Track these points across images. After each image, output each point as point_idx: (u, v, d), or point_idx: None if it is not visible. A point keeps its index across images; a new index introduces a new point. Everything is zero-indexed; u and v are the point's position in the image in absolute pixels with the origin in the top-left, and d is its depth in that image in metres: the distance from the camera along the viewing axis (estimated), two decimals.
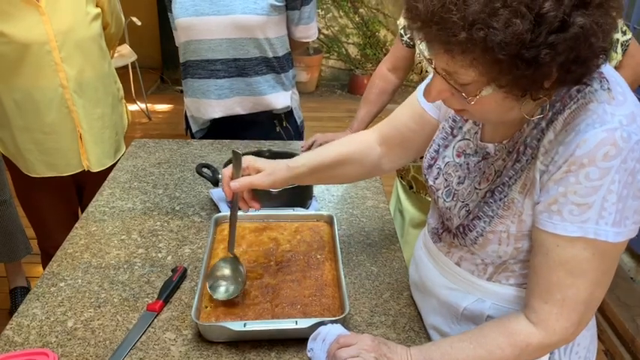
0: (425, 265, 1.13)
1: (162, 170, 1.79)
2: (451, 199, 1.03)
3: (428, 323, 1.15)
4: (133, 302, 1.20)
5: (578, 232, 0.82)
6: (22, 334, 1.11)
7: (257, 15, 1.84)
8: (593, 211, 0.81)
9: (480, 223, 0.95)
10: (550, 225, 0.85)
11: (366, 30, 5.50)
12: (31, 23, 1.71)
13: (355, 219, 1.55)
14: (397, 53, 1.84)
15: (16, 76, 1.75)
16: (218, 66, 1.93)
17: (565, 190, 0.82)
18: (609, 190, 0.80)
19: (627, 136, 0.79)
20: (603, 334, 2.52)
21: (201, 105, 2.01)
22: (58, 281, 1.26)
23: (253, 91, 1.98)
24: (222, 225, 1.39)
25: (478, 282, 1.01)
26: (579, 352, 1.05)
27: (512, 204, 0.91)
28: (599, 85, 0.83)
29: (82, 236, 1.43)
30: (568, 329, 0.88)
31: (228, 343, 1.09)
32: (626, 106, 0.82)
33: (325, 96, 5.48)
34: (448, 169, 1.06)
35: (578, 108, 0.83)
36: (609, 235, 0.81)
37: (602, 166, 0.79)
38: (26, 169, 1.92)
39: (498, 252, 0.95)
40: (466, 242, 0.99)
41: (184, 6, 1.86)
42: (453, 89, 0.84)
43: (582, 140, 0.80)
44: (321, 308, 1.14)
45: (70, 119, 1.86)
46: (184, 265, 1.30)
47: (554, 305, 0.87)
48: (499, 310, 1.00)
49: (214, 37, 1.88)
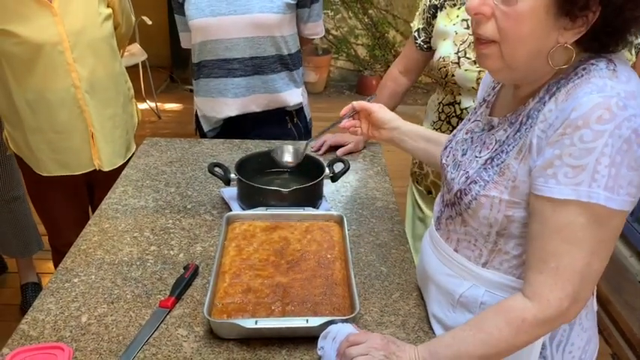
0: (427, 253, 1.16)
1: (174, 169, 1.81)
2: (456, 170, 1.08)
3: (430, 313, 1.18)
4: (146, 299, 1.22)
5: (572, 194, 0.84)
6: (37, 328, 1.13)
7: (274, 14, 1.87)
8: (586, 173, 0.83)
9: (475, 187, 0.98)
10: (546, 189, 0.87)
11: (375, 31, 5.51)
12: (43, 24, 1.73)
13: (365, 219, 1.56)
14: (409, 56, 1.85)
15: (29, 76, 1.77)
16: (235, 65, 1.95)
17: (560, 153, 0.84)
18: (602, 153, 0.82)
19: (623, 105, 0.82)
20: (611, 337, 2.52)
21: (217, 104, 2.03)
22: (72, 277, 1.28)
23: (269, 88, 2.00)
24: (233, 223, 1.41)
25: (474, 268, 1.04)
26: (573, 351, 1.05)
27: (507, 169, 0.94)
28: (606, 65, 0.87)
29: (95, 233, 1.45)
30: (562, 301, 0.87)
31: (239, 340, 1.10)
32: (629, 85, 0.85)
33: (334, 96, 5.49)
34: (456, 145, 1.12)
35: (581, 82, 0.86)
36: (601, 198, 0.83)
37: (595, 129, 0.81)
38: (38, 168, 1.94)
39: (489, 218, 0.97)
40: (461, 207, 1.02)
41: (199, 7, 1.88)
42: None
43: (578, 104, 0.83)
44: (331, 307, 1.15)
45: (82, 119, 1.88)
46: (196, 262, 1.32)
47: (548, 275, 0.88)
48: (492, 298, 1.02)
49: (232, 36, 1.90)
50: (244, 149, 1.94)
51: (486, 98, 1.13)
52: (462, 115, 1.69)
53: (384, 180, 1.78)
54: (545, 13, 0.84)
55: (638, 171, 0.84)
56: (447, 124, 1.74)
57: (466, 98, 1.66)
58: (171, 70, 5.61)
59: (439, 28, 1.68)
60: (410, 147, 1.37)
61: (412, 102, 5.01)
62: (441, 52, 1.66)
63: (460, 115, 1.70)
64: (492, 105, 1.08)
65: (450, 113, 1.73)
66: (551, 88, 0.91)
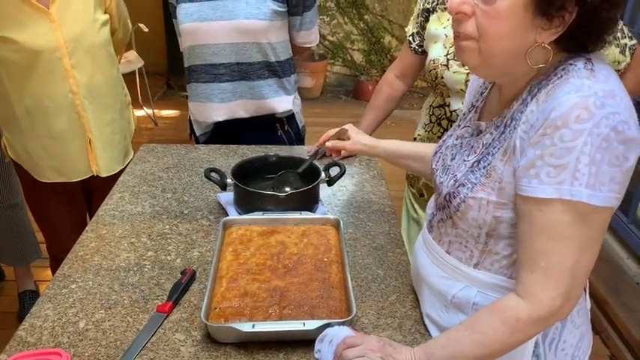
0: (421, 255, 1.17)
1: (170, 175, 1.81)
2: (445, 174, 1.09)
3: (423, 313, 1.18)
4: (143, 304, 1.22)
5: (554, 193, 0.86)
6: (34, 334, 1.13)
7: (259, 20, 1.88)
8: (567, 172, 0.84)
9: (463, 189, 1.00)
10: (530, 189, 0.88)
11: (371, 36, 5.53)
12: (41, 30, 1.74)
13: (361, 223, 1.57)
14: (405, 60, 1.86)
15: (27, 82, 1.78)
16: (221, 70, 1.96)
17: (542, 153, 0.86)
18: (582, 152, 0.83)
19: (601, 104, 0.83)
20: (609, 339, 2.53)
21: (205, 109, 2.04)
22: (70, 283, 1.28)
23: (256, 94, 2.01)
24: (230, 228, 1.41)
25: (465, 270, 1.05)
26: (565, 348, 1.06)
27: (494, 171, 0.96)
28: (584, 65, 0.89)
29: (92, 239, 1.45)
30: (555, 300, 0.88)
31: (236, 344, 1.11)
32: (607, 84, 0.86)
33: (330, 102, 5.51)
34: (446, 150, 1.14)
35: (560, 82, 0.88)
36: (583, 196, 0.84)
37: (574, 128, 0.83)
38: (36, 174, 1.94)
39: (477, 220, 0.99)
40: (450, 210, 1.03)
41: (188, 12, 1.90)
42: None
43: (557, 104, 0.85)
44: (328, 310, 1.15)
45: (80, 125, 1.89)
46: (193, 267, 1.32)
47: (539, 274, 0.89)
48: (485, 298, 1.03)
49: (218, 41, 1.91)
50: (240, 154, 1.95)
51: (475, 104, 1.15)
52: (452, 117, 1.71)
53: (380, 184, 1.78)
54: (523, 11, 0.87)
55: (621, 167, 0.85)
56: (438, 125, 1.77)
57: (455, 100, 1.68)
58: (168, 77, 5.62)
59: (430, 32, 1.70)
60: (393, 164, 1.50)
61: (408, 106, 5.03)
62: (431, 54, 1.69)
63: (450, 117, 1.72)
64: (481, 110, 1.11)
65: (440, 115, 1.75)
66: (532, 89, 0.93)
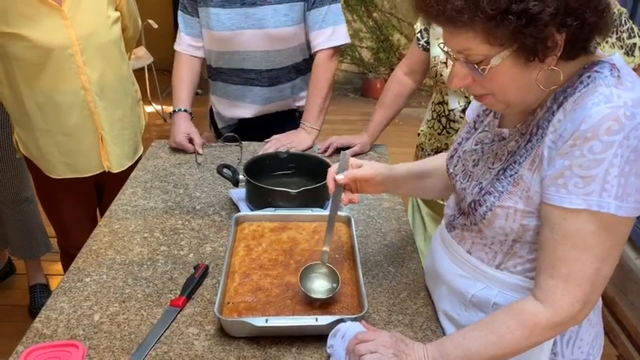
0: (439, 253, 1.17)
1: (182, 170, 1.82)
2: (467, 181, 1.09)
3: (439, 309, 1.19)
4: (157, 298, 1.23)
5: (582, 204, 0.86)
6: (50, 326, 1.14)
7: (288, 27, 1.91)
8: (596, 183, 0.85)
9: (490, 198, 0.99)
10: (557, 198, 0.88)
11: (380, 34, 5.53)
12: (53, 27, 1.75)
13: (372, 220, 1.57)
14: (414, 57, 1.87)
15: (39, 79, 1.79)
16: (252, 75, 2.01)
17: (570, 164, 0.86)
18: (611, 164, 0.83)
19: (631, 114, 0.83)
20: (617, 339, 2.52)
21: (232, 105, 2.10)
22: (84, 277, 1.30)
23: (284, 96, 2.08)
24: (242, 224, 1.42)
25: (487, 270, 1.05)
26: (582, 347, 1.07)
27: (521, 180, 0.95)
28: (610, 72, 0.89)
29: (105, 234, 1.47)
30: (574, 305, 0.89)
31: (249, 339, 1.12)
32: (635, 92, 0.87)
33: (338, 99, 5.51)
34: (465, 155, 1.13)
35: (588, 91, 0.88)
36: (611, 207, 0.85)
37: (604, 140, 0.83)
38: (47, 170, 1.96)
39: (505, 228, 0.99)
40: (476, 218, 1.03)
41: (221, 19, 1.91)
42: (471, 71, 0.91)
43: (587, 115, 0.85)
44: (339, 306, 1.16)
45: (92, 121, 1.90)
46: (206, 262, 1.34)
47: (559, 280, 0.89)
48: (505, 298, 1.03)
49: (250, 49, 1.95)
50: (252, 151, 1.96)
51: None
52: (450, 116, 1.75)
53: None
54: (514, 67, 0.88)
55: None
56: (438, 122, 1.81)
57: (452, 99, 1.72)
58: None
59: (436, 29, 1.71)
60: (406, 192, 1.46)
61: (416, 104, 5.02)
62: (433, 52, 1.72)
63: (448, 115, 1.75)
64: (501, 116, 1.09)
65: (440, 112, 1.80)
66: (557, 97, 0.93)
